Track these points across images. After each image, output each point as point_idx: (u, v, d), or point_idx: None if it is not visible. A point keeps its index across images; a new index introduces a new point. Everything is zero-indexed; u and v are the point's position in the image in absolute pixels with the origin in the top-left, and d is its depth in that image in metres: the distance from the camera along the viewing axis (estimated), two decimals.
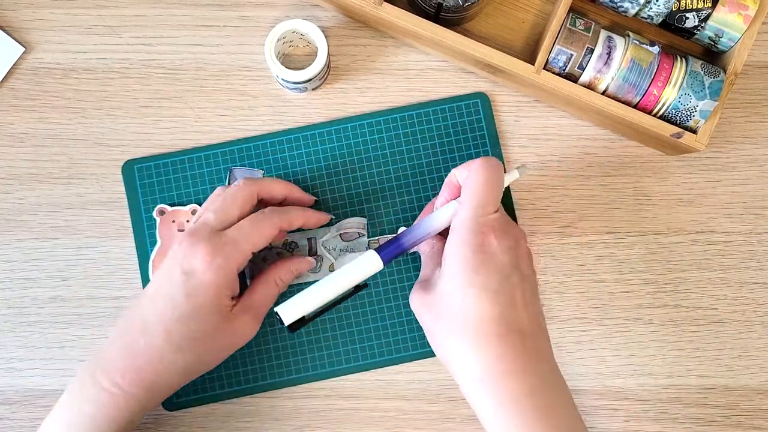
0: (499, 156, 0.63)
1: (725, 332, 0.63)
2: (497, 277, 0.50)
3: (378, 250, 0.54)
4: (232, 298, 0.54)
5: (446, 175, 0.63)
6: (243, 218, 0.55)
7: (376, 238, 0.62)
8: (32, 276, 0.62)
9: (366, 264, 0.53)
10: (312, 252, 0.62)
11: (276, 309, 0.53)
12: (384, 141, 0.63)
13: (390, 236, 0.61)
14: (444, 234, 0.55)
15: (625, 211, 0.64)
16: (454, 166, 0.63)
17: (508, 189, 0.63)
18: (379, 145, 0.63)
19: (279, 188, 0.58)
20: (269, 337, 0.62)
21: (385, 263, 0.53)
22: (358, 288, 0.54)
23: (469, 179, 0.53)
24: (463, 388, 0.51)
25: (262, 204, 0.58)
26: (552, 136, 0.64)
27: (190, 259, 0.52)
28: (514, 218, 0.63)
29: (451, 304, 0.50)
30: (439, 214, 0.54)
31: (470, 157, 0.63)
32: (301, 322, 0.53)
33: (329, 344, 0.62)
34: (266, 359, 0.62)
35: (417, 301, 0.54)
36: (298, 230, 0.62)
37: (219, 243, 0.53)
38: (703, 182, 0.64)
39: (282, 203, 0.59)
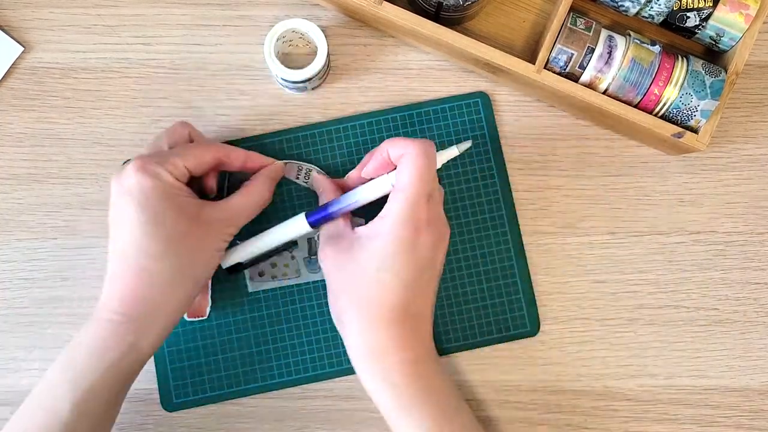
0: (500, 156, 0.63)
1: (726, 333, 0.63)
2: (414, 270, 0.53)
3: (307, 215, 0.57)
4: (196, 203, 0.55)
5: (446, 176, 0.63)
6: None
7: None
8: (31, 276, 0.62)
9: (295, 226, 0.58)
10: (312, 252, 0.62)
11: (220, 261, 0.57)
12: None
13: None
14: None
15: (626, 211, 0.64)
16: (454, 165, 0.63)
17: (508, 188, 0.63)
18: (379, 144, 0.63)
19: (235, 153, 0.58)
20: (269, 337, 0.62)
21: (313, 227, 0.58)
22: (288, 245, 0.60)
23: (406, 165, 0.53)
24: (350, 350, 0.55)
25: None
26: (552, 135, 0.64)
27: (124, 180, 0.52)
28: (515, 218, 0.63)
29: (362, 280, 0.53)
30: (371, 188, 0.56)
31: (470, 157, 0.63)
32: (239, 266, 0.59)
33: (329, 345, 0.62)
34: (266, 359, 0.62)
35: (330, 261, 0.56)
36: None
37: (146, 158, 0.53)
38: (704, 182, 0.64)
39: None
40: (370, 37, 0.64)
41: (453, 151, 0.57)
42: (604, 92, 0.59)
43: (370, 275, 0.53)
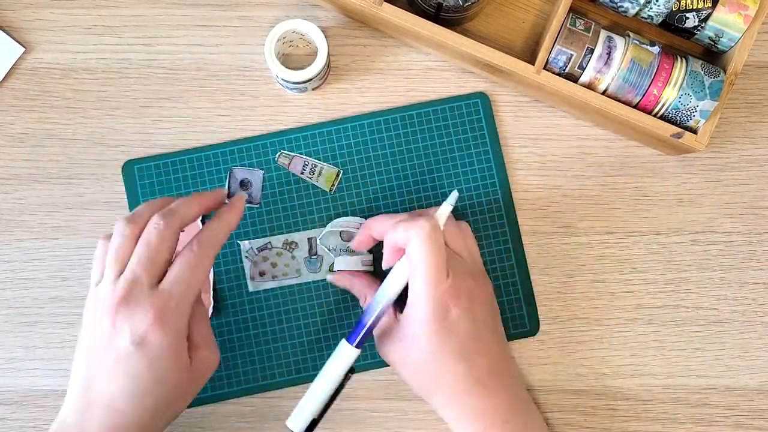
0: (499, 156, 0.63)
1: (725, 332, 0.63)
2: (460, 340, 0.53)
3: (348, 339, 0.55)
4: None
5: (446, 176, 0.63)
6: (170, 262, 0.51)
7: None
8: (32, 276, 0.62)
9: (344, 356, 0.55)
10: (312, 252, 0.62)
11: (287, 423, 0.54)
12: (384, 141, 0.63)
13: None
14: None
15: (625, 211, 0.64)
16: (454, 166, 0.63)
17: (507, 188, 0.63)
18: (379, 145, 0.63)
19: (195, 210, 0.53)
20: (269, 337, 0.62)
21: (359, 346, 0.54)
22: (348, 375, 0.55)
23: (414, 254, 0.53)
24: (445, 420, 0.56)
25: None
26: (552, 136, 0.64)
27: (138, 328, 0.49)
28: (514, 218, 0.63)
29: (422, 367, 0.54)
30: (391, 283, 0.55)
31: (470, 157, 0.63)
32: (314, 423, 0.54)
33: (329, 345, 0.62)
34: (266, 359, 0.62)
35: (392, 356, 0.56)
36: (297, 230, 0.62)
37: (163, 303, 0.49)
38: (703, 182, 0.64)
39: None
40: (370, 37, 0.64)
41: (447, 208, 0.55)
42: (604, 93, 0.59)
43: (426, 361, 0.54)
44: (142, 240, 0.50)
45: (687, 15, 0.58)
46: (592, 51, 0.58)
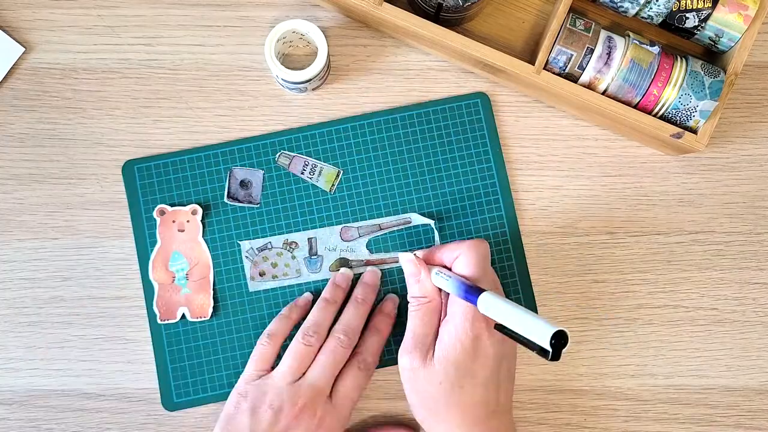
0: (499, 156, 0.63)
1: (725, 332, 0.63)
2: (488, 368, 0.54)
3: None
4: None
5: (446, 176, 0.63)
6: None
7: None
8: (32, 276, 0.62)
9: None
10: (312, 251, 0.62)
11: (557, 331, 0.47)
12: (384, 141, 0.63)
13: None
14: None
15: (625, 211, 0.64)
16: (454, 166, 0.63)
17: (507, 188, 0.63)
18: (379, 145, 0.63)
19: (363, 320, 0.60)
20: None
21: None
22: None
23: (462, 262, 0.55)
24: None
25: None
26: (552, 136, 0.64)
27: (313, 430, 0.56)
28: (514, 218, 0.63)
29: (443, 387, 0.54)
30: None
31: (470, 157, 0.63)
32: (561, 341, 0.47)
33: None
34: None
35: (412, 368, 0.55)
36: (297, 230, 0.62)
37: (334, 414, 0.56)
38: (703, 182, 0.64)
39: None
40: (370, 37, 0.64)
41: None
42: (604, 93, 0.59)
43: (450, 381, 0.53)
44: (329, 354, 0.57)
45: (687, 15, 0.58)
46: (592, 51, 0.58)
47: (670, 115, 0.59)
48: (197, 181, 0.63)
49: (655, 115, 0.59)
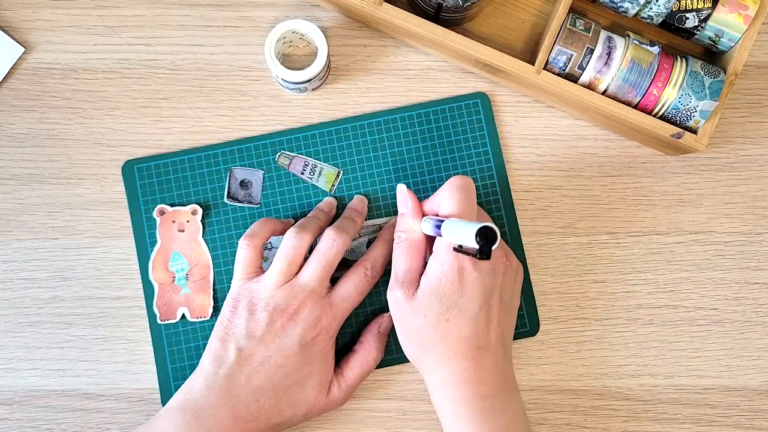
0: (499, 156, 0.63)
1: (725, 332, 0.63)
2: (475, 302, 0.53)
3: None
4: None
5: (446, 176, 0.63)
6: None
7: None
8: (32, 276, 0.62)
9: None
10: (311, 251, 0.62)
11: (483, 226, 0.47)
12: (384, 141, 0.63)
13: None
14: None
15: (625, 212, 0.64)
16: (454, 166, 0.63)
17: (507, 188, 0.63)
18: (379, 145, 0.63)
19: (358, 225, 0.60)
20: None
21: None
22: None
23: (445, 203, 0.54)
24: (428, 386, 0.56)
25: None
26: (552, 136, 0.64)
27: (308, 333, 0.56)
28: (514, 218, 0.63)
29: (427, 322, 0.54)
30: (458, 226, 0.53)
31: (470, 157, 0.63)
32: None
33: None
34: None
35: (398, 308, 0.55)
36: None
37: (331, 313, 0.56)
38: (703, 182, 0.64)
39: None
40: (370, 38, 0.64)
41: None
42: (604, 93, 0.59)
43: (435, 312, 0.53)
44: (321, 254, 0.57)
45: (687, 15, 0.58)
46: (592, 51, 0.58)
47: (670, 115, 0.59)
48: (197, 181, 0.63)
49: (655, 115, 0.59)
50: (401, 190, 0.57)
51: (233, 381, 0.55)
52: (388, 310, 0.59)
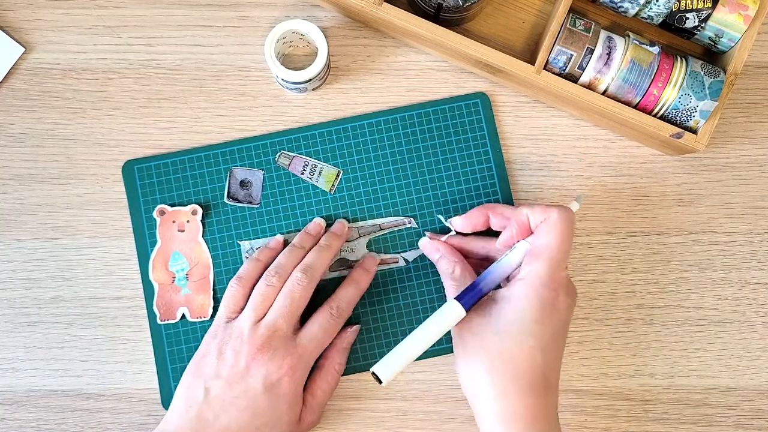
0: (499, 156, 0.63)
1: (726, 332, 0.63)
2: (554, 333, 0.53)
3: (459, 299, 0.54)
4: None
5: (446, 176, 0.63)
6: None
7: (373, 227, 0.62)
8: (32, 276, 0.62)
9: (451, 315, 0.54)
10: None
11: (372, 370, 0.52)
12: (384, 141, 0.63)
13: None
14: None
15: (625, 212, 0.64)
16: (454, 166, 0.63)
17: (507, 189, 0.63)
18: (379, 145, 0.63)
19: (328, 261, 0.60)
20: None
21: (467, 310, 0.54)
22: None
23: (547, 231, 0.54)
24: (479, 417, 0.54)
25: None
26: (552, 136, 0.64)
27: (272, 374, 0.55)
28: None
29: (502, 344, 0.52)
30: (512, 257, 0.55)
31: (470, 157, 0.63)
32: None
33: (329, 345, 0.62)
34: None
35: (465, 324, 0.54)
36: (297, 230, 0.62)
37: (297, 354, 0.56)
38: (703, 182, 0.64)
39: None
40: (370, 38, 0.64)
41: (575, 206, 0.57)
42: (604, 93, 0.59)
43: (510, 340, 0.52)
44: (287, 294, 0.57)
45: (687, 15, 0.58)
46: (592, 51, 0.58)
47: (670, 115, 0.59)
48: (197, 181, 0.63)
49: (655, 116, 0.59)
50: (423, 243, 0.61)
51: (203, 421, 0.55)
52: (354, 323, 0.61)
